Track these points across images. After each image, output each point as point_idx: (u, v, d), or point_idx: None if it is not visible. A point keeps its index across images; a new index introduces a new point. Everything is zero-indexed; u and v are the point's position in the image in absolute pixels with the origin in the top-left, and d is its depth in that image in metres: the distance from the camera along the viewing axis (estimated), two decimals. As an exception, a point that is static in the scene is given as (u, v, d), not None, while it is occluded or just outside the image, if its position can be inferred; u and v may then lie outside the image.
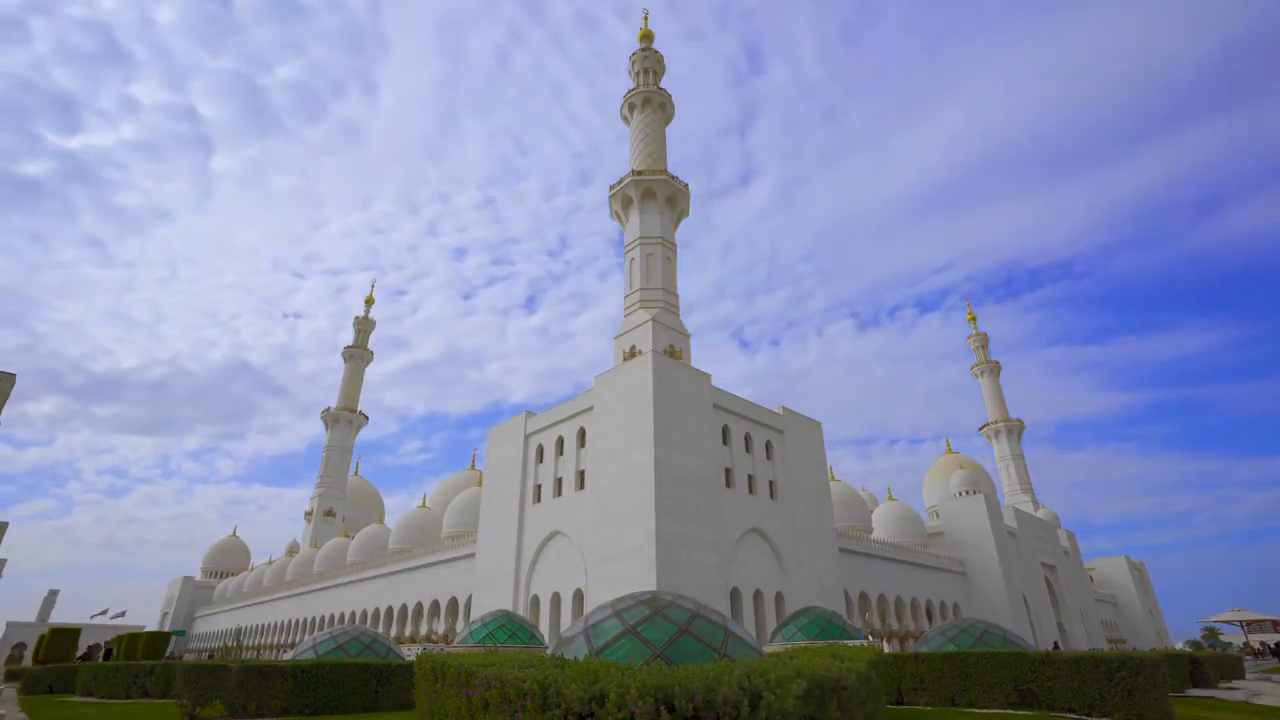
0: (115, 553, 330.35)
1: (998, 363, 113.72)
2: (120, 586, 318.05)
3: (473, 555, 47.49)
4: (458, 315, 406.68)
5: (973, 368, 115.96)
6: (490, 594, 42.56)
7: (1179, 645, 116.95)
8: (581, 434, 40.69)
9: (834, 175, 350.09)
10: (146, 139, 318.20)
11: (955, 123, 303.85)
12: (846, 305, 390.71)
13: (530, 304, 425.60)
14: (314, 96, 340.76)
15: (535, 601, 39.86)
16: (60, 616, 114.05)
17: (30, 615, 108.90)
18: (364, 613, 60.71)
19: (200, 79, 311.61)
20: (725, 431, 40.83)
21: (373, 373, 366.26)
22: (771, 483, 42.92)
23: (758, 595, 38.57)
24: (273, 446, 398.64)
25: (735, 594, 36.84)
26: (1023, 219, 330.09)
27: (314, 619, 70.27)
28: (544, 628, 37.62)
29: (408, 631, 54.02)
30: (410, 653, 45.96)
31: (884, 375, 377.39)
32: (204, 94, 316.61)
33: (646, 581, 31.38)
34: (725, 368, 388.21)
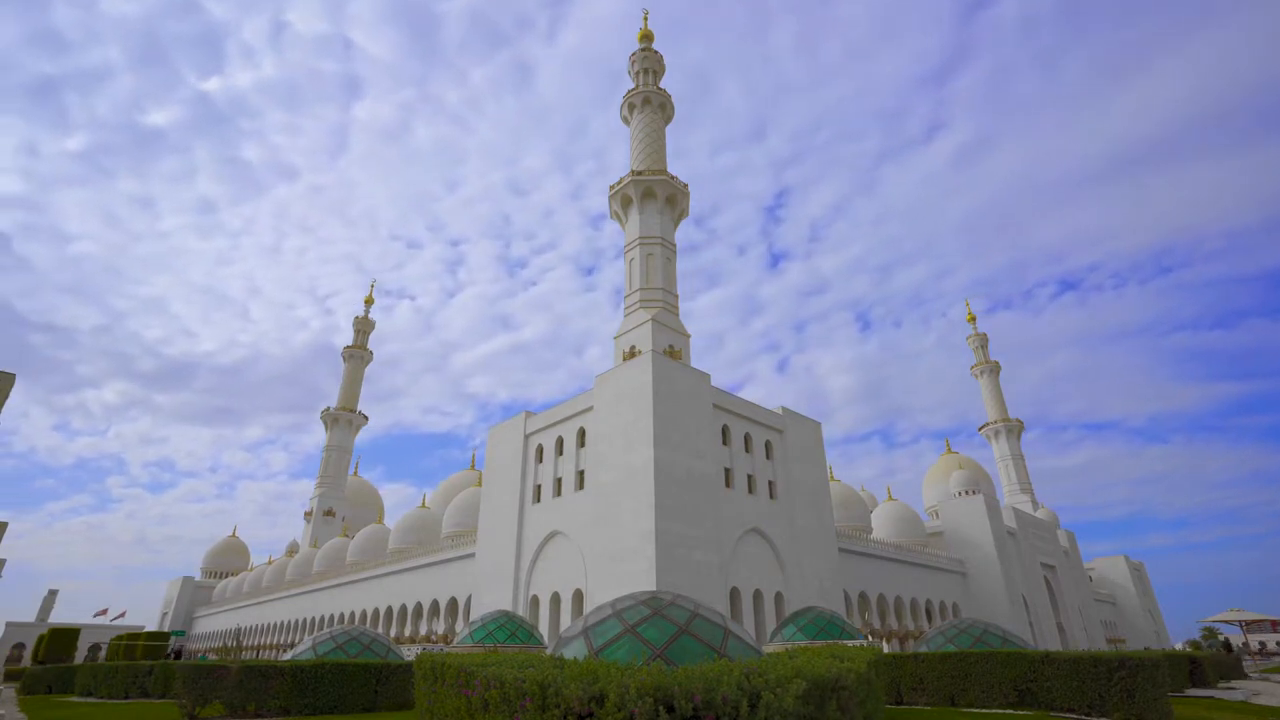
0: (144, 551, 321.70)
1: (997, 363, 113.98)
2: (120, 586, 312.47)
3: (472, 555, 47.49)
4: (576, 291, 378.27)
5: (972, 368, 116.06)
6: (490, 594, 42.55)
7: (1178, 645, 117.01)
8: (581, 434, 40.68)
9: (1027, 130, 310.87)
10: (288, 79, 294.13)
11: (1182, 72, 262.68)
12: (985, 284, 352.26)
13: None
14: (493, 29, 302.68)
15: (535, 601, 39.86)
16: (60, 616, 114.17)
17: (29, 615, 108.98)
18: (364, 613, 60.69)
19: (365, 4, 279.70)
20: (725, 431, 40.83)
21: (463, 358, 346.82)
22: (771, 483, 42.92)
23: (757, 595, 38.57)
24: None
25: (735, 594, 36.85)
26: (1220, 182, 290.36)
27: (313, 619, 70.25)
28: (544, 628, 37.62)
29: (407, 631, 54.01)
30: (410, 653, 45.95)
31: (997, 360, 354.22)
32: (366, 23, 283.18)
33: (646, 581, 31.38)
34: (830, 354, 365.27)
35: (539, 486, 42.80)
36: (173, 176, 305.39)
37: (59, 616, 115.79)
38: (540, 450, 43.75)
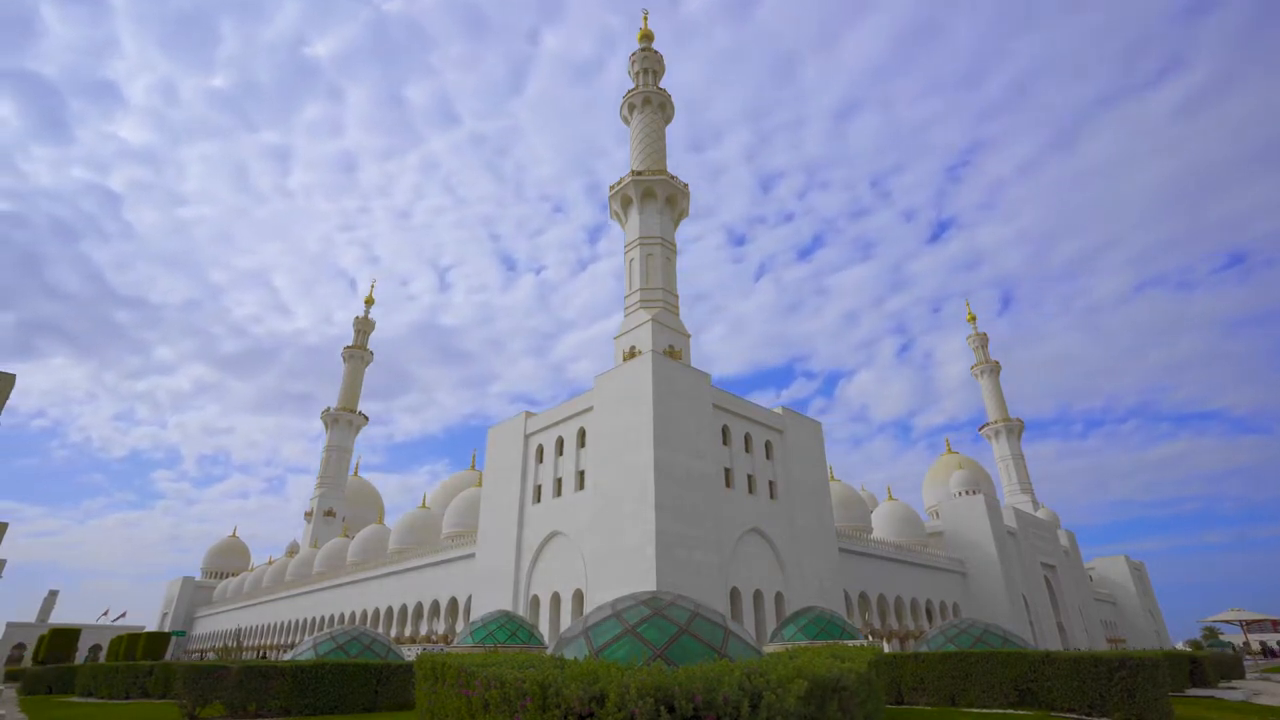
0: (174, 550, 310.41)
1: (997, 363, 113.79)
2: (139, 586, 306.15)
3: (473, 555, 47.48)
4: (719, 263, 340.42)
5: (973, 367, 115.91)
6: (490, 594, 42.55)
7: (1178, 645, 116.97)
8: (581, 434, 40.68)
9: (1272, 76, 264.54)
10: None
11: None
12: (1144, 259, 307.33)
13: (810, 250, 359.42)
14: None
15: (535, 601, 39.86)
16: (62, 617, 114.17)
17: (30, 615, 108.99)
18: (364, 613, 60.70)
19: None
20: (725, 431, 40.82)
21: (573, 339, 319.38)
22: (771, 483, 42.91)
23: (758, 595, 38.57)
24: (411, 425, 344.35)
25: (735, 594, 36.84)
26: None
27: (314, 619, 70.25)
28: (544, 628, 37.62)
29: (408, 632, 54.00)
30: (410, 653, 45.94)
31: (1124, 347, 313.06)
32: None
33: (646, 581, 31.37)
34: (958, 337, 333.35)
35: (539, 487, 42.79)
36: (317, 125, 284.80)
37: (59, 617, 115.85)
38: (540, 450, 43.75)
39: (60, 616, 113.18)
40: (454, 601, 50.32)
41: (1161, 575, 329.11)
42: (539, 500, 42.32)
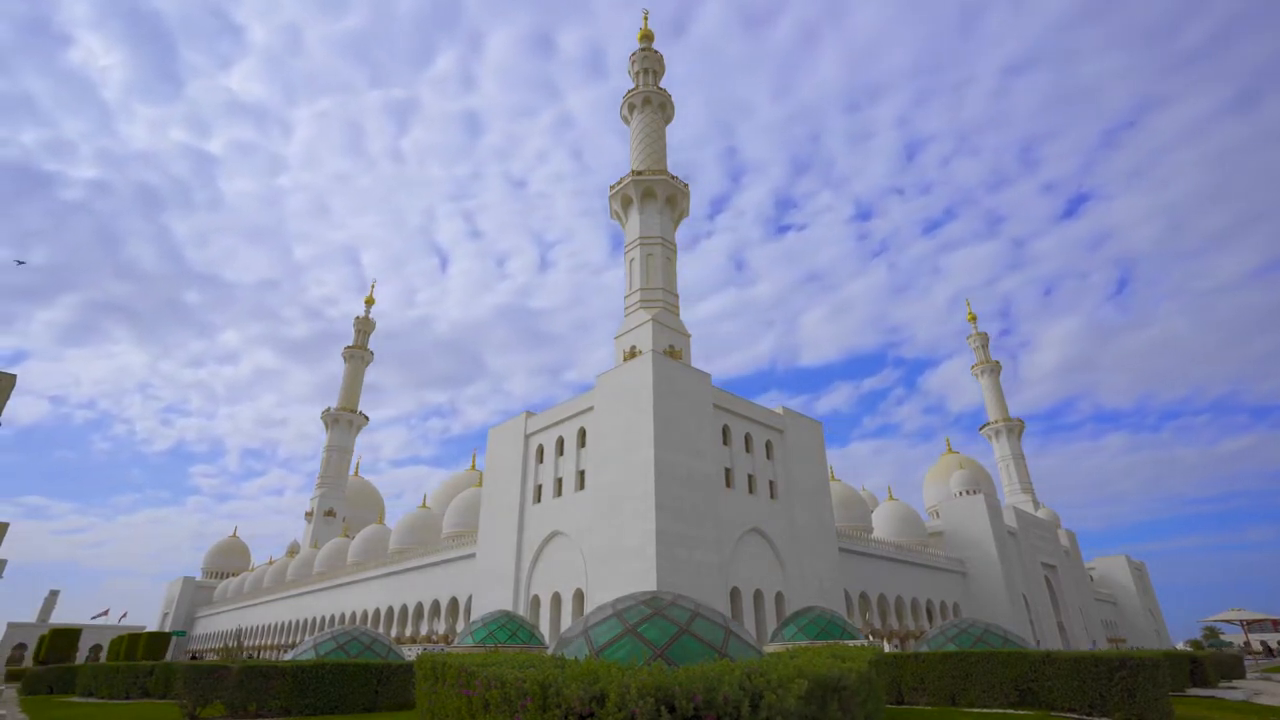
0: (194, 550, 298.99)
1: (998, 362, 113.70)
2: (139, 586, 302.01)
3: (473, 555, 47.49)
4: (842, 239, 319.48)
5: (973, 367, 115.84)
6: (490, 594, 42.56)
7: (1179, 645, 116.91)
8: (582, 434, 40.68)
9: None
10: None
11: None
12: (1258, 246, 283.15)
13: (939, 223, 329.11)
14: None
15: (535, 601, 39.87)
16: (62, 617, 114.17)
17: (31, 615, 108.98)
18: (364, 613, 60.70)
19: None
20: (725, 431, 40.82)
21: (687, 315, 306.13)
22: (771, 483, 42.91)
23: (758, 595, 38.57)
24: (474, 417, 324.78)
25: (735, 594, 36.85)
26: None
27: (314, 619, 70.26)
28: (544, 628, 37.62)
29: (408, 631, 54.01)
30: (410, 653, 45.94)
31: (1230, 332, 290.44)
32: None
33: (646, 581, 31.37)
34: (1062, 323, 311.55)
35: (539, 487, 42.80)
36: (448, 78, 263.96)
37: (60, 617, 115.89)
38: (541, 450, 43.75)
39: (63, 616, 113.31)
40: (454, 601, 50.33)
41: (1162, 575, 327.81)
42: (539, 500, 42.33)
